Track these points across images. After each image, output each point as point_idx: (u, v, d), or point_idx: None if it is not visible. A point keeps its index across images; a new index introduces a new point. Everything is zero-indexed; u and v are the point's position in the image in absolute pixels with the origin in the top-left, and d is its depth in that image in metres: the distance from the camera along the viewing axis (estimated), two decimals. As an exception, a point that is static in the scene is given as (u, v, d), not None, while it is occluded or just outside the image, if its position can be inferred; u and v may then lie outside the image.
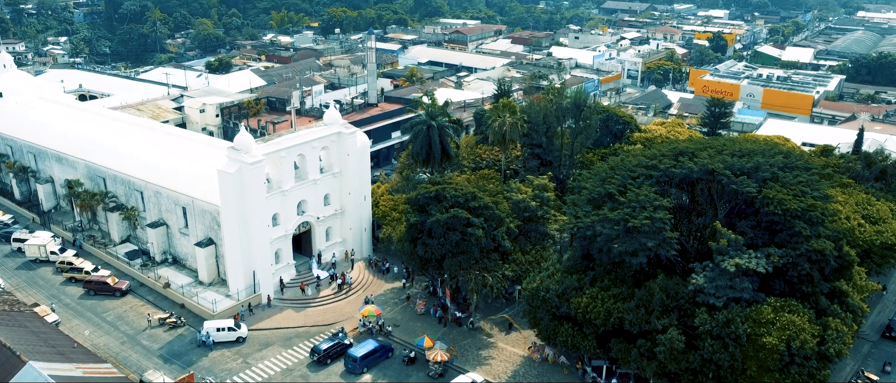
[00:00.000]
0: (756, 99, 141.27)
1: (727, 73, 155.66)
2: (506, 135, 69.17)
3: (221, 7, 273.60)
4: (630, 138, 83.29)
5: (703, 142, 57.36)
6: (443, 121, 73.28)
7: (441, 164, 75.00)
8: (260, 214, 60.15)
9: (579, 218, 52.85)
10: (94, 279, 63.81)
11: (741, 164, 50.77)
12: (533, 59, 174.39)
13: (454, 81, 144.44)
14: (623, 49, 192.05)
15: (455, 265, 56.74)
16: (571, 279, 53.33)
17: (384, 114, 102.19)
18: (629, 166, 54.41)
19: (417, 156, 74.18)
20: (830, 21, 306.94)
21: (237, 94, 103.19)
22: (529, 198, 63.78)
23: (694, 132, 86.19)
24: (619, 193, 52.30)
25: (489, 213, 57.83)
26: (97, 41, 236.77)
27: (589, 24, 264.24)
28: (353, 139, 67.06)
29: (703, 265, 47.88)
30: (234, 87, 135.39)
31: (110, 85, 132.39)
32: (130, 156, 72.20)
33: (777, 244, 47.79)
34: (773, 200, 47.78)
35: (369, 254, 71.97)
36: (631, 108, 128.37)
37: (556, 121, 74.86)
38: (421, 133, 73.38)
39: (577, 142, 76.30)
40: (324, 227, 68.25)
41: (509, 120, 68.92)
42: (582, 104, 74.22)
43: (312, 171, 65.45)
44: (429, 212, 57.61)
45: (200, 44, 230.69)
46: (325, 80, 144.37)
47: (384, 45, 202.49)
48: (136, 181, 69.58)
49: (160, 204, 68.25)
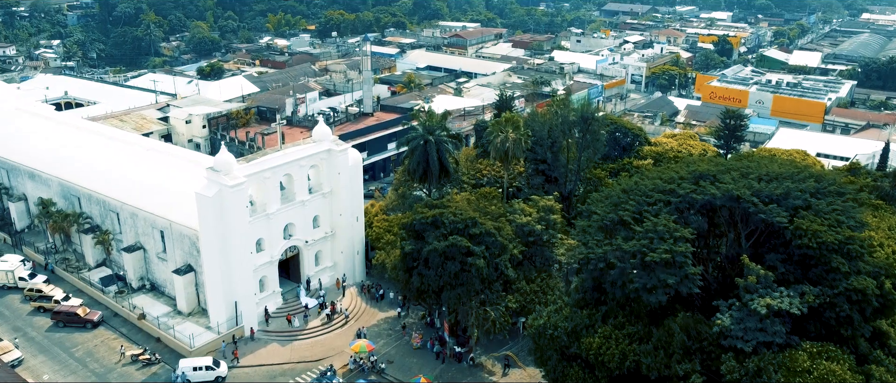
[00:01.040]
0: (765, 106, 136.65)
1: (735, 78, 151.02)
2: (509, 152, 64.41)
3: (217, 9, 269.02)
4: (640, 152, 78.64)
5: (725, 163, 52.56)
6: (441, 135, 68.48)
7: (439, 181, 70.27)
8: (242, 240, 55.41)
9: (590, 247, 48.12)
10: (64, 309, 59.00)
11: (769, 191, 46.00)
12: (534, 64, 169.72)
13: (453, 88, 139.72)
14: (626, 53, 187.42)
15: (454, 298, 52.02)
16: (582, 315, 48.59)
17: (380, 125, 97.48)
18: (644, 190, 49.62)
19: (414, 172, 69.38)
20: (835, 23, 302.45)
21: (226, 104, 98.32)
22: (534, 220, 59.10)
23: (707, 145, 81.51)
24: (633, 220, 47.64)
25: (491, 241, 53.07)
26: (90, 44, 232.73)
27: (591, 27, 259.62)
28: (344, 156, 62.31)
29: (728, 303, 43.16)
30: (226, 94, 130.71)
31: (97, 92, 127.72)
32: (106, 174, 67.46)
33: (811, 281, 43.02)
34: (806, 232, 42.98)
35: (362, 279, 67.21)
36: (637, 117, 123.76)
37: (562, 135, 70.08)
38: (418, 148, 68.56)
39: (584, 157, 71.55)
40: (313, 251, 63.49)
41: (512, 135, 64.18)
42: (589, 117, 69.46)
43: (300, 192, 60.71)
44: (425, 239, 52.85)
45: (195, 47, 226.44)
46: (321, 87, 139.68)
47: (382, 49, 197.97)
48: (112, 201, 64.81)
49: (137, 226, 63.48)
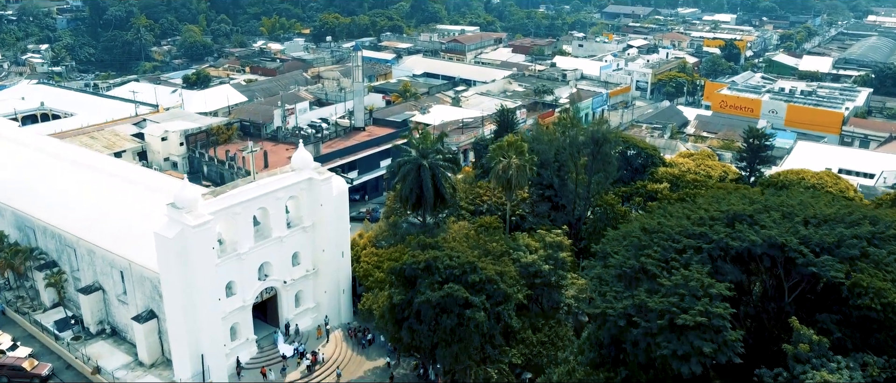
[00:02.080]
0: (779, 115, 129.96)
1: (746, 86, 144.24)
2: (512, 181, 57.62)
3: (211, 13, 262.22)
4: (654, 174, 71.90)
5: (760, 199, 45.79)
6: (436, 159, 61.70)
7: (435, 209, 63.56)
8: (209, 285, 48.60)
9: (608, 300, 41.41)
10: (8, 362, 52.09)
11: (819, 237, 39.31)
12: (535, 71, 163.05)
13: (451, 97, 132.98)
14: (631, 58, 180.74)
15: (450, 356, 45.25)
16: (598, 378, 41.96)
17: (372, 141, 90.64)
18: (671, 234, 42.89)
19: (406, 199, 62.61)
20: (841, 25, 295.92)
21: (205, 119, 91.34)
22: (541, 259, 52.41)
23: (728, 166, 74.71)
24: (658, 269, 40.94)
25: (492, 289, 46.29)
26: (80, 48, 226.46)
27: (592, 30, 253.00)
28: (327, 186, 55.47)
29: (773, 373, 36.48)
30: (211, 104, 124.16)
31: (76, 102, 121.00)
32: (65, 204, 60.72)
33: (874, 348, 36.39)
34: (867, 290, 36.31)
35: (349, 320, 60.40)
36: (645, 128, 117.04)
37: (571, 158, 63.27)
38: (410, 173, 61.85)
39: (594, 181, 64.76)
40: (292, 292, 56.69)
41: (515, 162, 57.38)
42: (601, 138, 62.70)
43: (277, 227, 53.89)
44: (417, 287, 46.06)
45: (186, 52, 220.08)
46: (312, 96, 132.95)
47: (377, 55, 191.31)
48: (68, 236, 58.00)
49: (95, 265, 56.65)
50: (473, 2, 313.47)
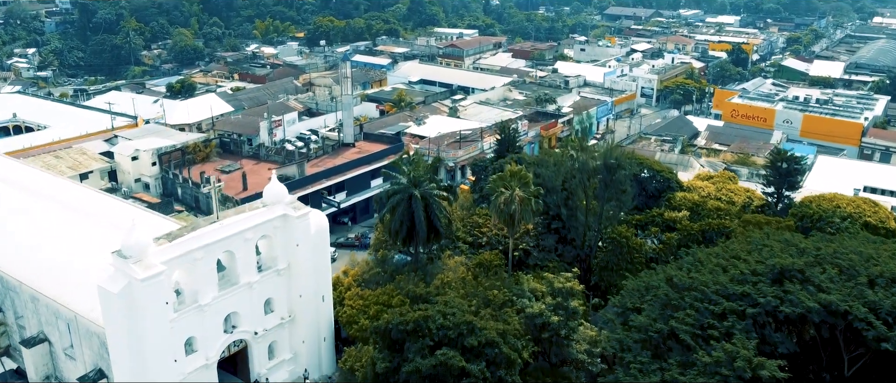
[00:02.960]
0: (794, 126, 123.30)
1: (758, 94, 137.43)
2: (515, 217, 50.71)
3: (203, 15, 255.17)
4: (671, 200, 65.05)
5: (809, 247, 38.94)
6: (429, 188, 54.93)
7: (428, 242, 56.81)
8: (162, 345, 41.70)
9: (632, 373, 34.60)
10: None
11: (892, 303, 32.51)
12: (537, 77, 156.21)
13: (448, 106, 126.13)
14: (635, 64, 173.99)
15: (444, 436, 38.38)
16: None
17: (362, 159, 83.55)
18: (708, 294, 36.00)
19: (396, 233, 55.91)
20: (847, 27, 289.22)
21: (182, 135, 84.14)
22: (549, 309, 45.58)
23: (753, 191, 67.78)
24: (693, 338, 34.11)
25: (493, 353, 39.40)
26: (68, 53, 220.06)
27: (594, 33, 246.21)
28: (303, 223, 48.54)
29: None
30: (194, 115, 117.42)
31: (51, 113, 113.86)
32: (11, 241, 53.79)
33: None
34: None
35: (331, 372, 53.48)
36: (654, 141, 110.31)
37: (581, 186, 56.36)
38: (401, 204, 55.07)
39: (605, 211, 57.91)
40: (265, 343, 49.78)
41: (519, 195, 50.44)
42: (615, 164, 55.85)
43: (246, 272, 46.96)
44: (405, 353, 39.18)
45: (177, 56, 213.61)
46: (301, 106, 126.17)
47: (372, 59, 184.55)
48: (10, 279, 51.03)
49: (39, 313, 49.74)
50: (472, 3, 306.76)
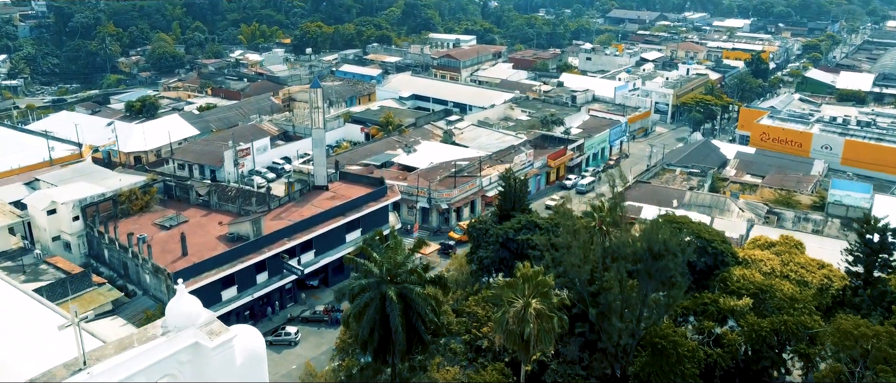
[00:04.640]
0: (834, 152, 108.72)
1: (789, 114, 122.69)
2: (530, 341, 35.86)
3: (186, 19, 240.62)
4: (728, 280, 50.19)
5: None
6: (409, 282, 40.22)
7: (410, 353, 42.09)
8: None
9: None
10: None
11: None
12: (541, 92, 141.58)
13: (442, 129, 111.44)
14: (647, 75, 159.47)
15: None
16: None
17: (335, 210, 68.31)
18: None
19: (366, 343, 41.20)
20: (864, 32, 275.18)
21: (116, 180, 68.65)
22: None
23: (831, 267, 52.86)
24: None
25: None
26: (43, 59, 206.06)
27: (599, 40, 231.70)
28: (224, 354, 33.43)
29: None
30: (152, 141, 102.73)
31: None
32: None
33: None
34: None
35: None
36: (679, 174, 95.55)
37: (617, 278, 41.42)
38: (371, 304, 40.33)
39: (646, 308, 43.19)
40: None
41: (535, 307, 35.59)
42: (661, 250, 41.07)
43: (139, 431, 32.12)
44: None
45: (155, 63, 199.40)
46: (276, 129, 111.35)
47: (361, 70, 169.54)
48: None
49: None
50: (470, 6, 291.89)
